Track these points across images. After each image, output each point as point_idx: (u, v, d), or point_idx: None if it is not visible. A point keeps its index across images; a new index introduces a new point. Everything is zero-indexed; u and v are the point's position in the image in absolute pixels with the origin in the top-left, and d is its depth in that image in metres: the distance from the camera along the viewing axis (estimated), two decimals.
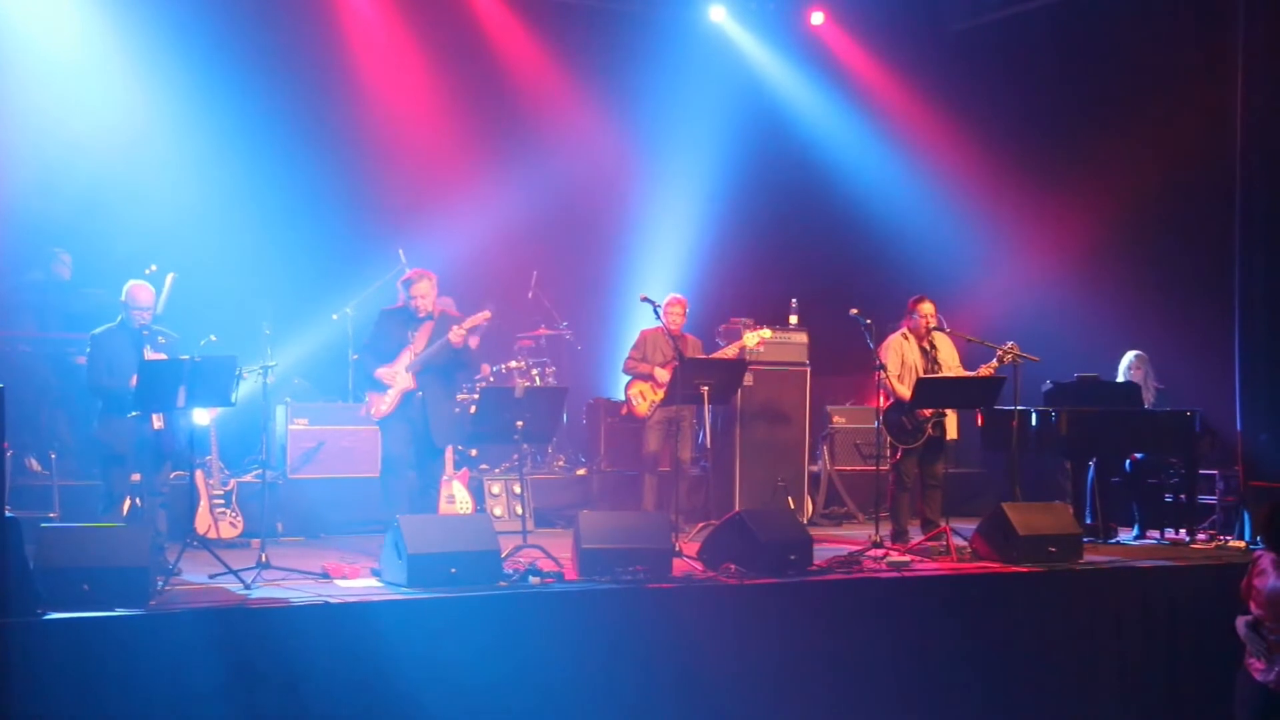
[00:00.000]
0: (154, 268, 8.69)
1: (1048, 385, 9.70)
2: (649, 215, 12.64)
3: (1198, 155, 10.79)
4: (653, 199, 12.67)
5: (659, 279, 11.84)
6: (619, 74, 12.37)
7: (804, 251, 12.83)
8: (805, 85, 13.08)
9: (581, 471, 10.62)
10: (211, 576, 6.80)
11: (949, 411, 8.86)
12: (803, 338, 10.47)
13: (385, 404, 8.00)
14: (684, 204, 12.57)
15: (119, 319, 7.63)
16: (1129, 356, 9.86)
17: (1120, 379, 9.77)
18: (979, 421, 9.47)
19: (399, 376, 7.98)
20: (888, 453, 8.94)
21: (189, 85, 10.41)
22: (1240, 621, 5.95)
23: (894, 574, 7.55)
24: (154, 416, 7.41)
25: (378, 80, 11.49)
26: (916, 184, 12.70)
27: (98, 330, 7.62)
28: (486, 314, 8.35)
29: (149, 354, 7.48)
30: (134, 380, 7.24)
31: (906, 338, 8.97)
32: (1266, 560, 5.91)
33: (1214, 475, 9.85)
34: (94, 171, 9.91)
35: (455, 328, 7.96)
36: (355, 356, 8.17)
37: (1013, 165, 12.27)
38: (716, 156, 12.59)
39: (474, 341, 8.41)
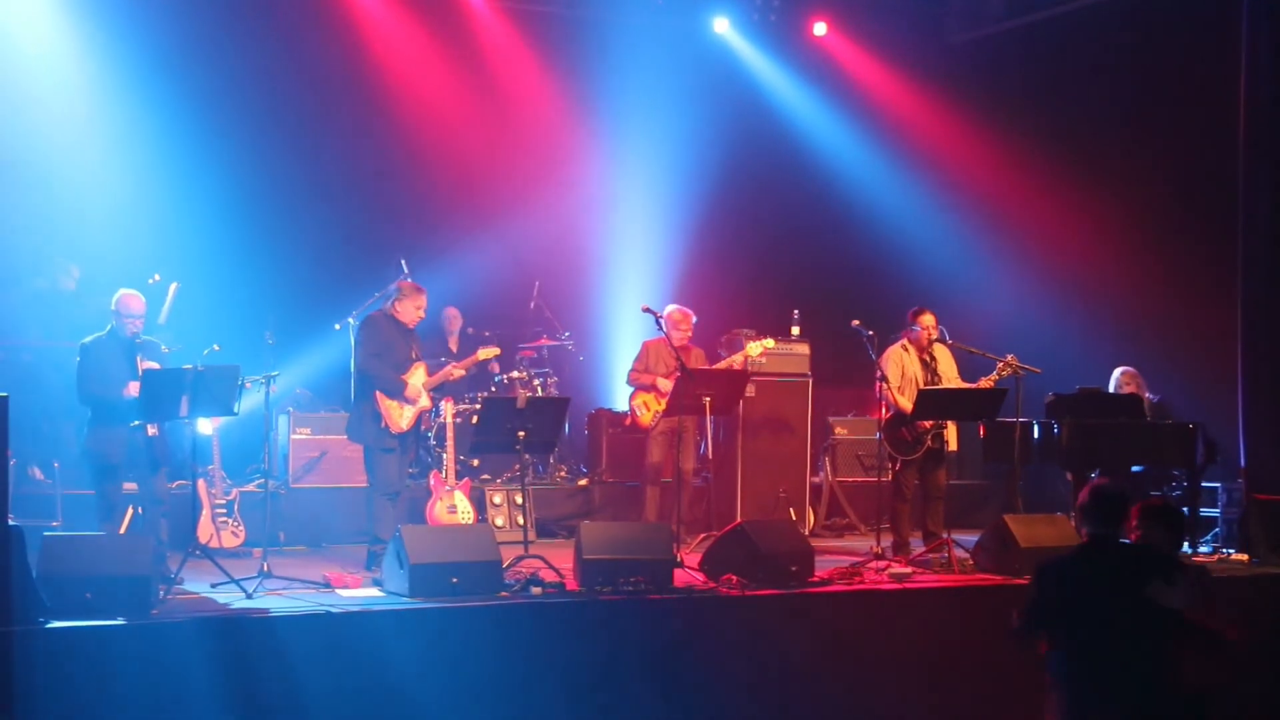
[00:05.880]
0: (157, 277, 8.72)
1: (1050, 397, 9.68)
2: (652, 225, 12.64)
3: (1201, 165, 10.80)
4: (656, 209, 12.67)
5: (662, 289, 11.84)
6: (622, 85, 12.37)
7: (806, 262, 12.83)
8: (807, 96, 13.11)
9: (583, 482, 10.61)
10: (213, 586, 6.82)
11: (949, 423, 8.86)
12: (805, 349, 10.48)
13: (406, 421, 7.96)
14: (687, 214, 12.58)
15: (109, 328, 7.52)
16: (1117, 372, 9.84)
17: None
18: (981, 433, 9.47)
19: (422, 395, 8.00)
20: (889, 464, 8.94)
21: (194, 95, 10.45)
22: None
23: (895, 586, 7.55)
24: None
25: (382, 91, 11.51)
26: (918, 195, 12.72)
27: (87, 339, 7.49)
28: (497, 350, 8.64)
29: (143, 364, 7.43)
30: (127, 389, 7.22)
31: (907, 349, 8.96)
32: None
33: (1216, 488, 9.83)
34: (97, 181, 9.93)
35: (456, 365, 8.28)
36: (362, 366, 8.05)
37: (1013, 176, 12.27)
38: (719, 166, 12.60)
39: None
